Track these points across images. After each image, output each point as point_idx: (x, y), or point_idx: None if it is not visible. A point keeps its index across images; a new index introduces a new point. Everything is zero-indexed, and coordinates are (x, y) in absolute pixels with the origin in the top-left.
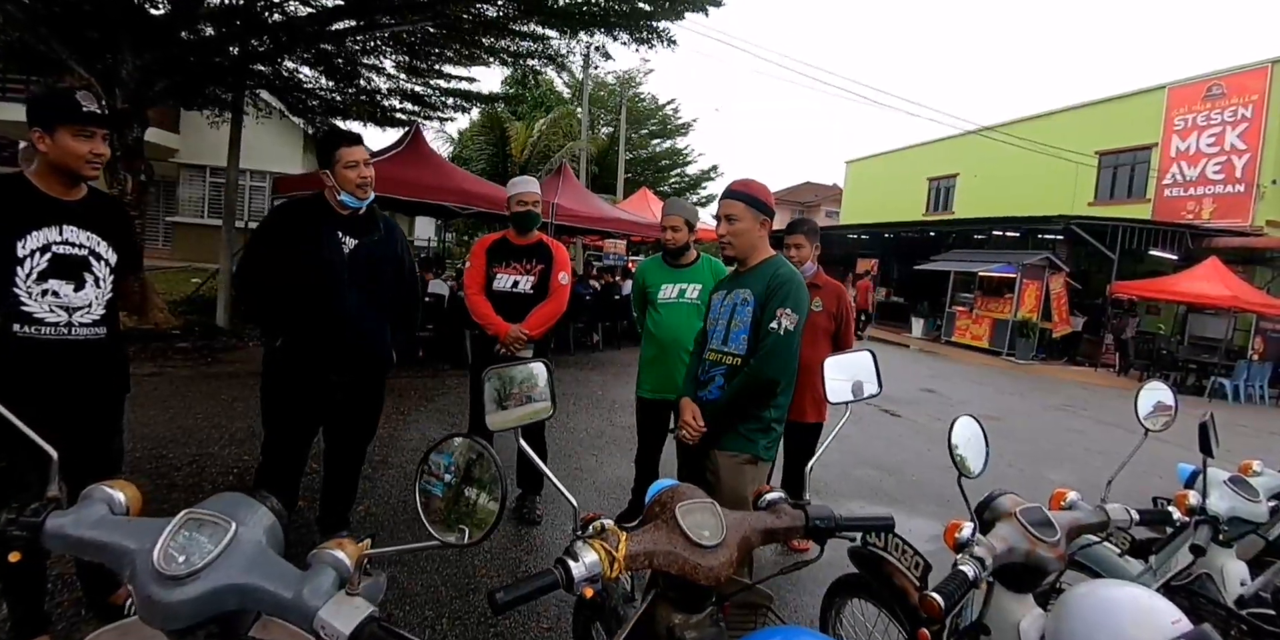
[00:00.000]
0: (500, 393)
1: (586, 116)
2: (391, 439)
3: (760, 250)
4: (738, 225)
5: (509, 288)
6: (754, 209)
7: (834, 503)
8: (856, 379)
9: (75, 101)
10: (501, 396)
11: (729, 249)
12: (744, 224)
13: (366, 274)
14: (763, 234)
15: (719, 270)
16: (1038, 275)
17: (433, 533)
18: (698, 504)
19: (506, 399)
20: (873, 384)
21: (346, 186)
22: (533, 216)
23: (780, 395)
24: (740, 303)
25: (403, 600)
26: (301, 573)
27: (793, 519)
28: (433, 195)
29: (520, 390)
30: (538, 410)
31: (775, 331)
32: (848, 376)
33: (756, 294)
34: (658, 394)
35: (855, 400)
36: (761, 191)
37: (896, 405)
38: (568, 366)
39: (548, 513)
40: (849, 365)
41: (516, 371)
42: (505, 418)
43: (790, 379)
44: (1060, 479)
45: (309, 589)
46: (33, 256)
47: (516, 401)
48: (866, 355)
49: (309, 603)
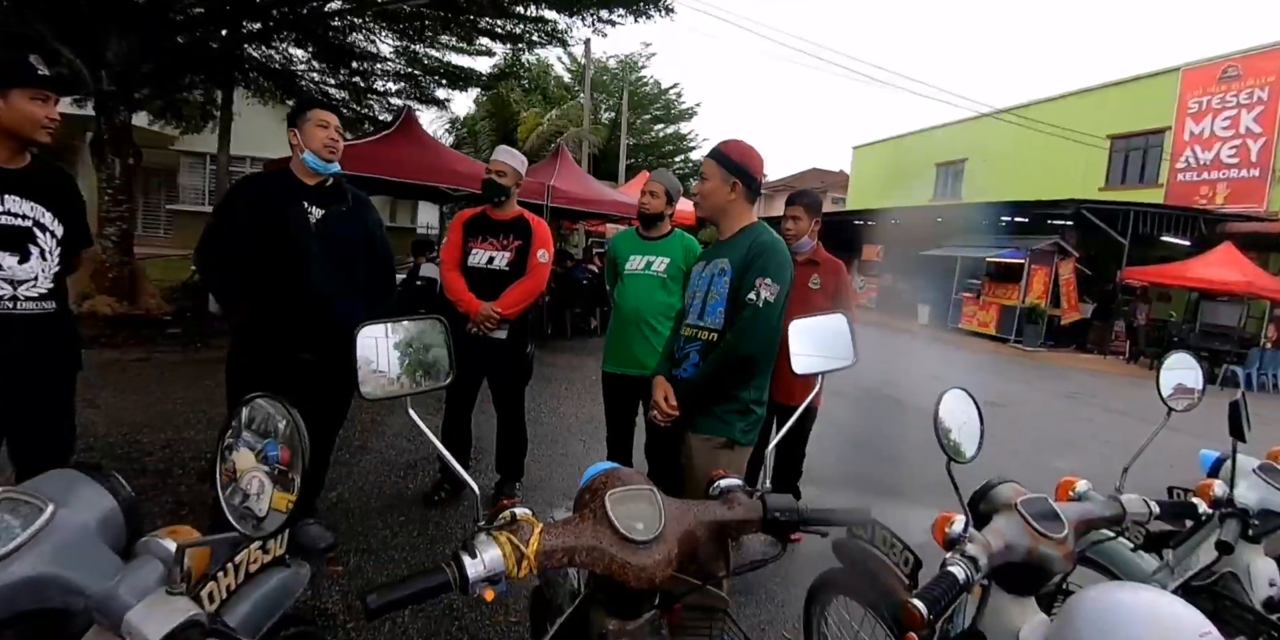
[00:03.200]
0: (375, 352)
1: (589, 101)
2: (374, 423)
3: (735, 216)
4: (705, 184)
5: (484, 264)
6: (723, 168)
7: (824, 492)
8: (826, 346)
9: (30, 64)
10: (375, 357)
11: (698, 209)
12: (711, 183)
13: (336, 247)
14: (733, 197)
15: (691, 246)
16: (1047, 261)
17: (230, 519)
18: (633, 491)
19: (388, 362)
20: (847, 352)
21: (313, 145)
22: (495, 185)
23: (759, 374)
24: (718, 273)
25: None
26: (125, 565)
27: (748, 510)
28: (424, 176)
29: (411, 350)
30: (432, 374)
31: (753, 303)
32: (817, 343)
33: (734, 263)
34: (618, 368)
35: (825, 372)
36: (738, 151)
37: (898, 390)
38: (563, 351)
39: (529, 500)
40: (818, 330)
41: (405, 326)
42: (387, 384)
43: (771, 355)
44: (1068, 467)
45: (126, 584)
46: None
47: (404, 365)
48: (840, 319)
49: (121, 601)
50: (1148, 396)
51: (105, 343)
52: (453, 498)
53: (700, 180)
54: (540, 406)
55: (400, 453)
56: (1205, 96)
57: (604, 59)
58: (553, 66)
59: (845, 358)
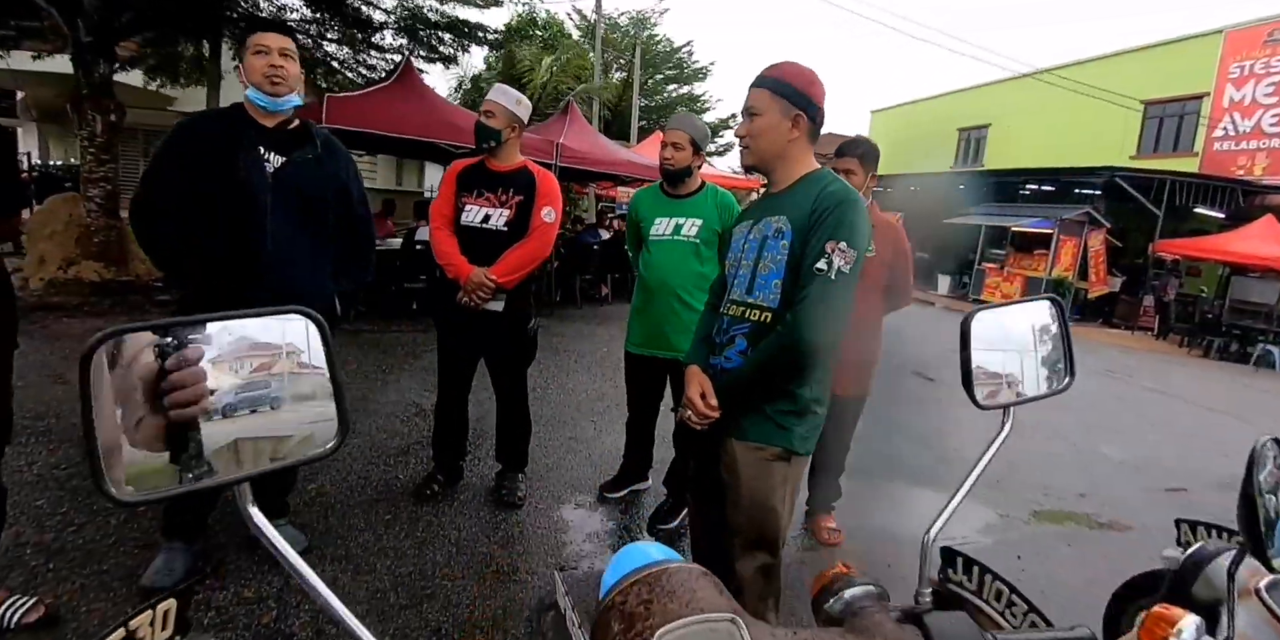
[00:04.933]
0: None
1: (599, 59)
2: (364, 400)
3: (795, 161)
4: (757, 121)
5: (479, 222)
6: (781, 98)
7: (870, 486)
8: (1024, 357)
9: None
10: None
11: (746, 156)
12: (767, 119)
13: (297, 200)
14: (795, 136)
15: (727, 203)
16: (1076, 231)
17: None
18: (702, 626)
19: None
20: (1060, 367)
21: (252, 77)
22: (485, 128)
23: (824, 366)
24: (772, 235)
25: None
26: None
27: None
28: (421, 131)
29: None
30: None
31: (823, 274)
32: (1007, 353)
33: (795, 222)
34: (645, 348)
35: (1020, 401)
36: (798, 75)
37: (927, 367)
38: (573, 320)
39: (533, 494)
40: (1010, 327)
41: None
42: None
43: (839, 342)
44: (1117, 455)
45: None
46: None
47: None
48: (1046, 308)
49: None
50: (1184, 375)
51: (88, 311)
52: (447, 492)
53: (748, 117)
54: (548, 382)
55: (392, 435)
56: (1248, 61)
57: (615, 16)
58: (562, 23)
59: (1059, 377)
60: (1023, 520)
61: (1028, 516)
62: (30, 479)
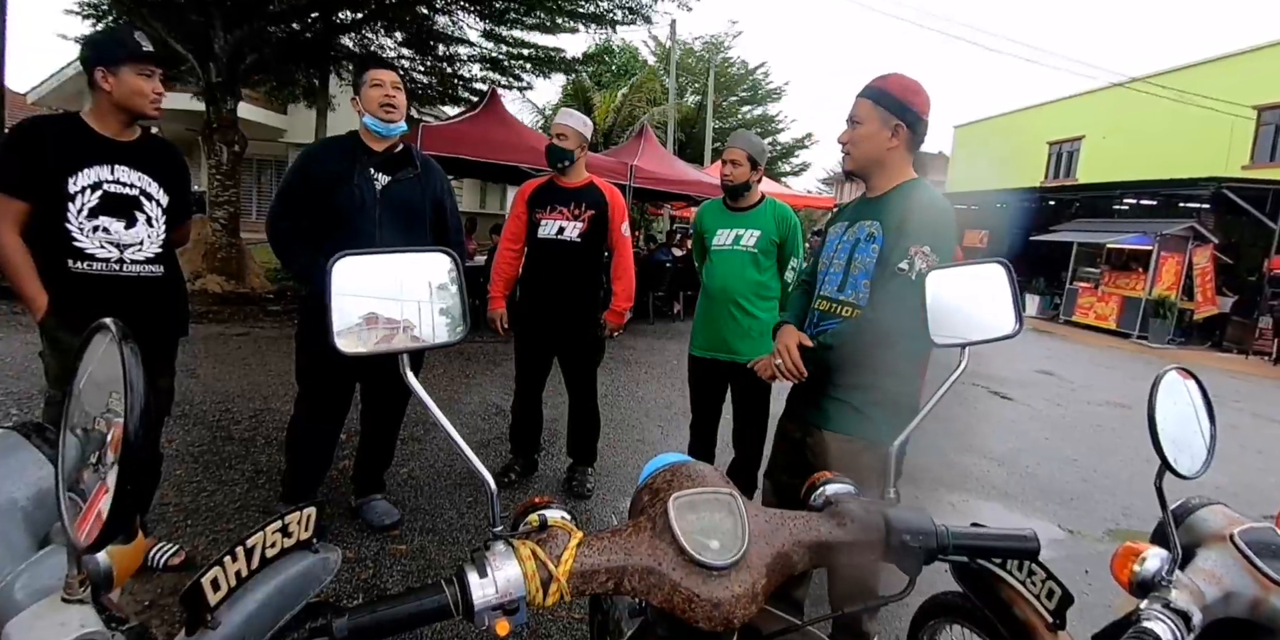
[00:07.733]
0: (356, 292)
1: (674, 82)
2: (450, 401)
3: (893, 169)
4: (859, 129)
5: (554, 235)
6: (883, 108)
7: (931, 495)
8: (975, 308)
9: (136, 41)
10: (357, 299)
11: (847, 161)
12: (867, 127)
13: (402, 215)
14: (894, 144)
15: (785, 214)
16: (1179, 247)
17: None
18: (706, 496)
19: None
20: (1006, 317)
21: (369, 106)
22: (558, 150)
23: (905, 360)
24: (865, 238)
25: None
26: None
27: (864, 529)
28: (505, 155)
29: (407, 291)
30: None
31: (904, 274)
32: (960, 302)
33: (887, 226)
34: (706, 351)
35: (972, 343)
36: (901, 86)
37: (1008, 387)
38: (644, 334)
39: (600, 487)
40: (964, 285)
41: (399, 259)
42: (373, 337)
43: (916, 340)
44: (1215, 481)
45: (24, 581)
46: (84, 193)
47: (401, 312)
48: (997, 269)
49: (13, 602)
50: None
51: (212, 318)
52: (522, 481)
53: (851, 125)
54: (619, 390)
55: (474, 431)
56: None
57: (689, 41)
58: (637, 50)
59: (1003, 325)
60: (1095, 538)
61: (1101, 534)
62: (171, 453)
